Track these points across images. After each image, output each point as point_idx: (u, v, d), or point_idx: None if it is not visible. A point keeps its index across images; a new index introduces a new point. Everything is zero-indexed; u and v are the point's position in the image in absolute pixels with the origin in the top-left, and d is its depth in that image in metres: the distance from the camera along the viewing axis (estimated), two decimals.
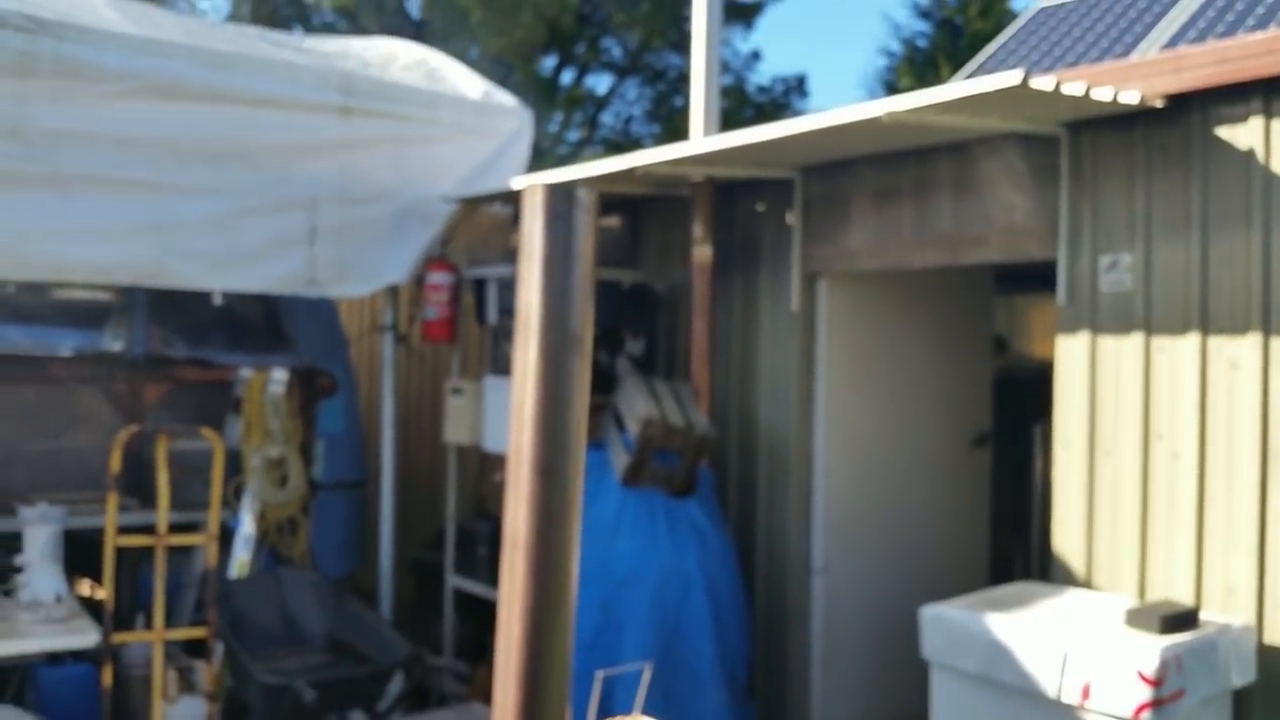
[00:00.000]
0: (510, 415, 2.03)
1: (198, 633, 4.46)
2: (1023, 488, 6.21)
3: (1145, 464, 3.76)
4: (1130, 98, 3.60)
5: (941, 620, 3.55)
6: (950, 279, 5.49)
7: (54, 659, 4.83)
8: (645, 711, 3.95)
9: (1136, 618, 3.28)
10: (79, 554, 4.57)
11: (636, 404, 4.71)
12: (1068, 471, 3.97)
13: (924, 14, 16.18)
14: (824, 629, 5.05)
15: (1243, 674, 3.34)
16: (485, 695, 4.87)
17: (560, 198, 1.96)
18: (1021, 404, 6.30)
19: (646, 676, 2.47)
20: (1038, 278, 4.43)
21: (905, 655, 4.41)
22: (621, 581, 4.51)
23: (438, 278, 5.49)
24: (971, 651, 3.43)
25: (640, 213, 5.82)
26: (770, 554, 5.10)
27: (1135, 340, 3.79)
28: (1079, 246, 3.96)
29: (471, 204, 5.54)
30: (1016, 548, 6.19)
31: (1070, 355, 3.98)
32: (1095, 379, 3.91)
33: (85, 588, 4.48)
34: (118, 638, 4.23)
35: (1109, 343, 3.87)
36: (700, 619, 4.53)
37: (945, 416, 5.58)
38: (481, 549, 5.28)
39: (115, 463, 4.19)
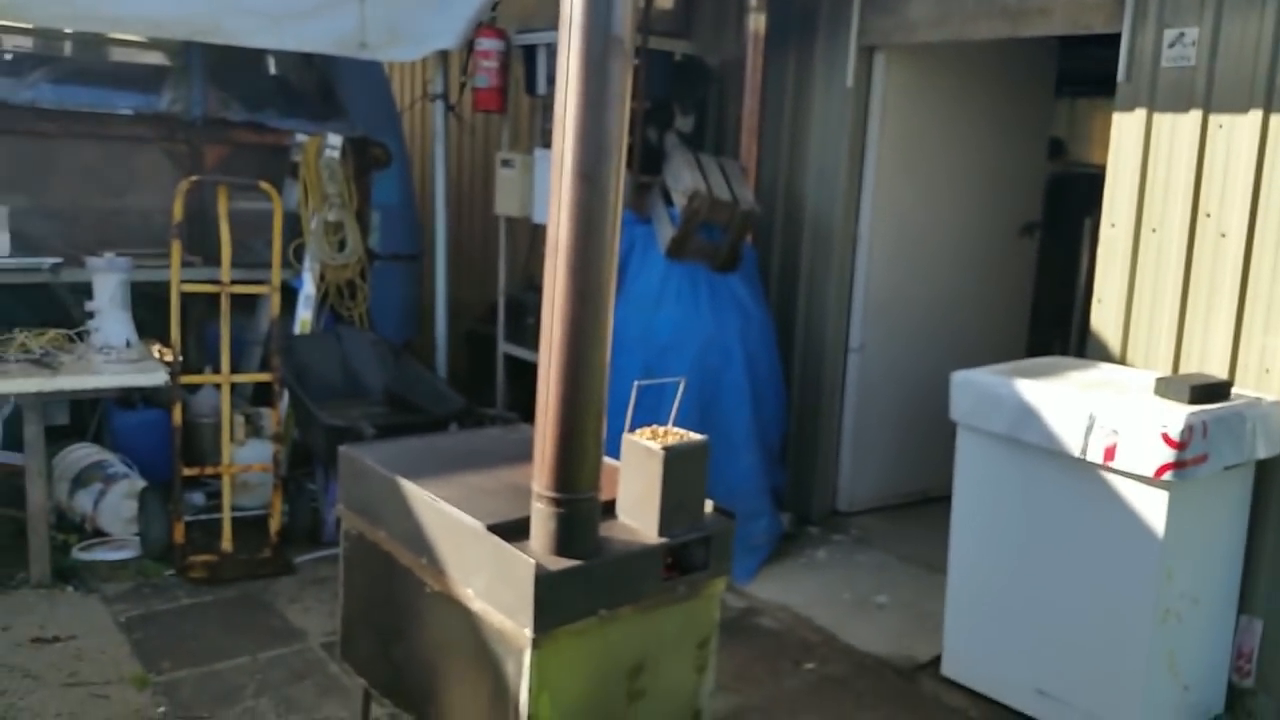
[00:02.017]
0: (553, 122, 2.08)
1: (263, 377, 4.72)
2: (1068, 283, 6.22)
3: (1191, 242, 3.74)
4: None
5: (971, 383, 3.64)
6: (1011, 71, 5.34)
7: (128, 403, 5.17)
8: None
9: (1167, 387, 3.33)
10: (148, 313, 4.80)
11: (683, 177, 4.72)
12: (1112, 248, 3.97)
13: None
14: (856, 405, 5.23)
15: (1269, 446, 3.40)
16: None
17: None
18: (1074, 205, 6.24)
19: (681, 389, 2.61)
20: (1099, 81, 4.28)
21: (933, 433, 4.58)
22: (664, 348, 4.66)
23: (487, 44, 5.42)
24: (999, 413, 3.52)
25: None
26: (809, 331, 5.21)
27: (1192, 118, 3.70)
28: (1144, 19, 3.81)
29: None
30: (1055, 338, 6.25)
31: (1125, 132, 3.91)
32: (1148, 156, 3.84)
33: (155, 348, 4.73)
34: (186, 378, 4.48)
35: (1165, 120, 3.78)
36: (737, 387, 4.69)
37: (994, 205, 5.54)
38: (530, 319, 5.43)
39: (178, 211, 4.34)
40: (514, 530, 2.20)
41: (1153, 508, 3.18)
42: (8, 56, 6.13)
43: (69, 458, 4.82)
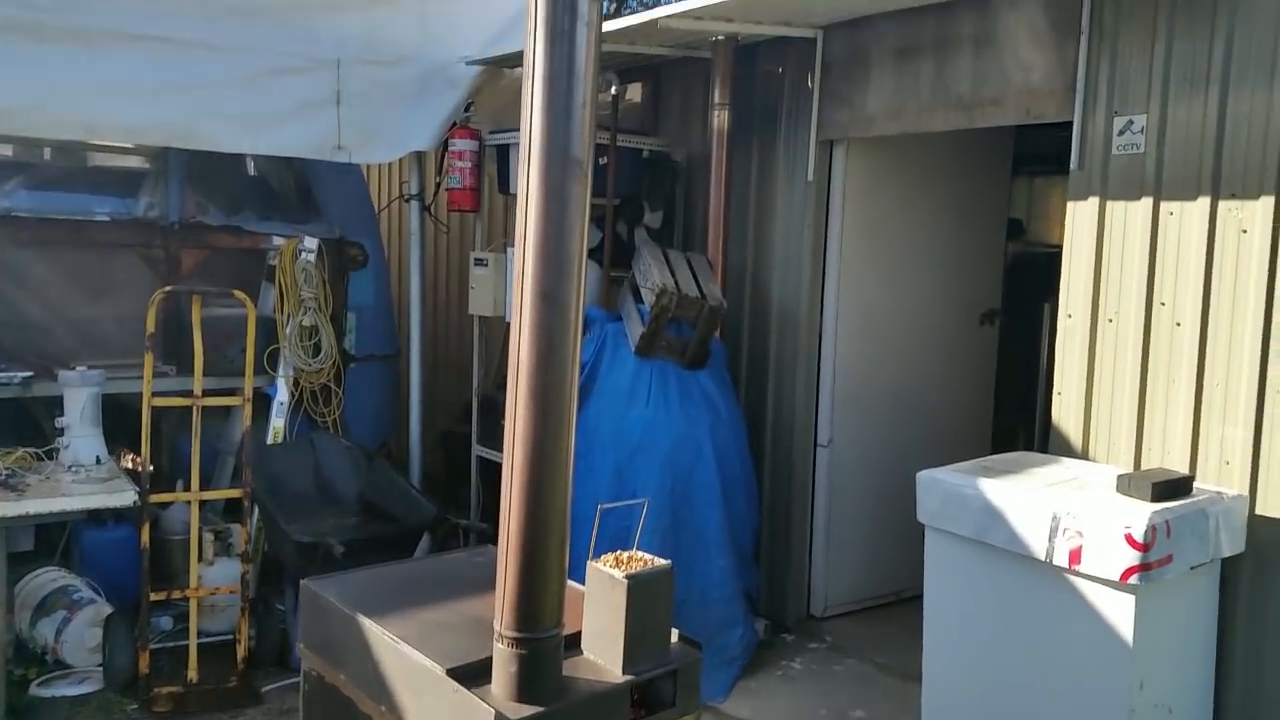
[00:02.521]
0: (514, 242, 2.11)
1: (233, 493, 4.67)
2: (1030, 367, 6.28)
3: (1147, 332, 3.78)
4: None
5: (937, 484, 3.65)
6: (968, 155, 5.46)
7: (97, 521, 5.09)
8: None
9: (1128, 484, 3.34)
10: (120, 422, 4.78)
11: (652, 274, 4.79)
12: (1069, 339, 4.02)
13: None
14: (827, 500, 5.23)
15: (1233, 543, 3.41)
16: None
17: (562, 12, 1.97)
18: (1035, 285, 6.33)
19: (645, 511, 2.62)
20: (1056, 159, 4.40)
21: (907, 527, 4.56)
22: (635, 448, 4.67)
23: (461, 144, 5.52)
24: (965, 515, 3.53)
25: (661, 79, 5.79)
26: (778, 426, 5.24)
27: (1144, 205, 3.76)
28: (1094, 107, 3.91)
29: (494, 66, 5.53)
30: (1020, 424, 6.29)
31: (1078, 220, 3.97)
32: (1102, 244, 3.90)
33: (127, 459, 4.68)
34: (155, 497, 4.41)
35: (1118, 207, 3.85)
36: (709, 486, 4.70)
37: (956, 292, 5.62)
38: (503, 420, 5.42)
39: (151, 323, 4.34)
40: (475, 673, 2.19)
41: (1121, 613, 3.17)
42: None
43: (33, 583, 4.72)
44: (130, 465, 4.64)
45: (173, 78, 4.82)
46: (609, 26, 4.67)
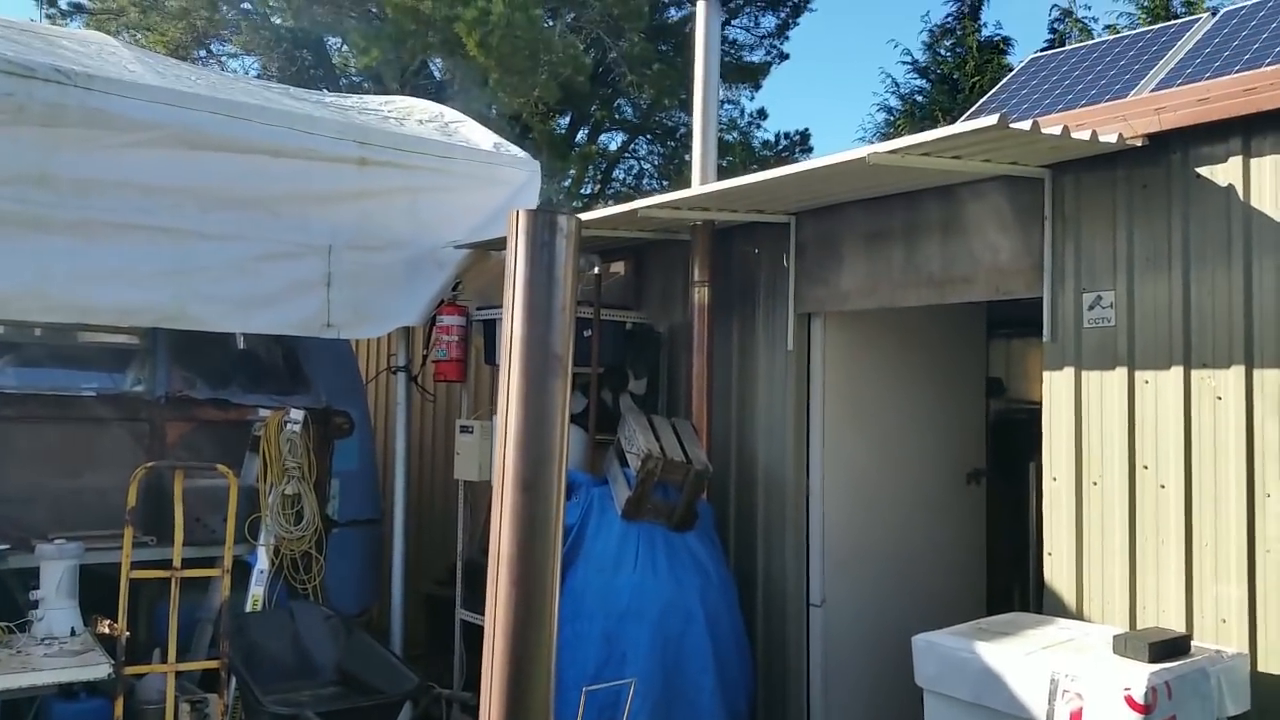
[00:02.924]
0: (496, 436, 2.16)
1: (210, 664, 4.58)
2: (1020, 524, 6.28)
3: (1132, 494, 3.84)
4: (1109, 137, 3.74)
5: (934, 648, 3.61)
6: (943, 321, 5.62)
7: (68, 693, 4.94)
8: None
9: (1125, 644, 3.32)
10: (99, 591, 4.69)
11: (637, 439, 4.83)
12: (1056, 502, 4.06)
13: (922, 71, 16.58)
14: (823, 661, 5.12)
15: (1237, 702, 3.35)
16: None
17: (543, 225, 2.11)
18: (1018, 443, 6.40)
19: (632, 692, 2.57)
20: (1033, 322, 4.55)
21: (904, 686, 4.45)
22: (623, 614, 4.60)
23: (448, 320, 5.68)
24: (963, 679, 3.48)
25: (643, 258, 6.01)
26: (769, 587, 5.18)
27: (1119, 374, 3.89)
28: (1062, 284, 4.09)
29: (481, 250, 5.73)
30: (1015, 583, 6.23)
31: (1056, 390, 4.09)
32: (1081, 412, 4.00)
33: (104, 626, 4.59)
34: (131, 669, 4.34)
35: (1093, 377, 3.97)
36: (700, 651, 4.61)
37: (940, 453, 5.68)
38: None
39: (132, 497, 4.35)
40: None
41: None
42: None
43: None
44: (107, 630, 4.53)
45: (167, 265, 4.96)
46: (592, 215, 4.88)
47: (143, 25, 16.52)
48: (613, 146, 19.10)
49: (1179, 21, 7.39)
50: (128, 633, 4.32)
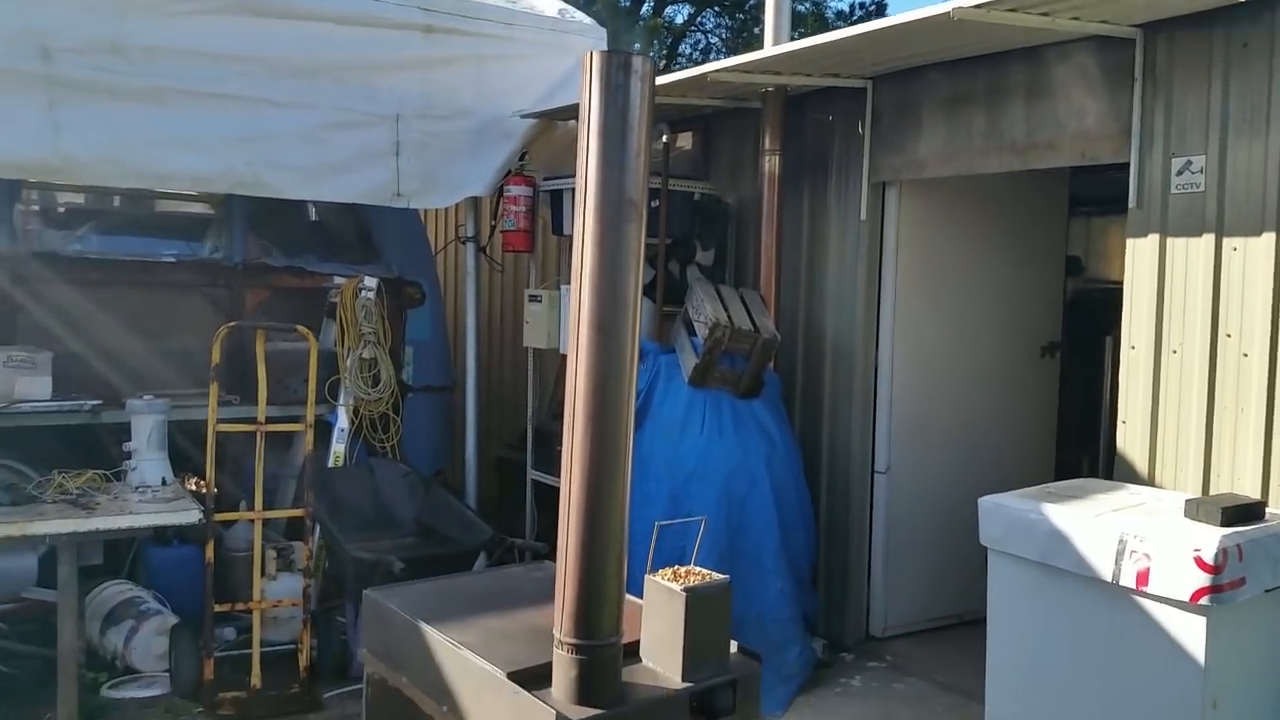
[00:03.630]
0: (572, 279, 2.18)
1: (295, 512, 4.79)
2: (1092, 400, 6.22)
3: (1213, 363, 3.76)
4: None
5: (1000, 509, 3.63)
6: (1022, 196, 5.47)
7: (163, 540, 5.24)
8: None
9: (1197, 509, 3.30)
10: (184, 452, 4.92)
11: (705, 309, 4.83)
12: (1133, 370, 4.00)
13: None
14: (885, 527, 5.20)
15: None
16: None
17: (617, 67, 2.07)
18: (1095, 320, 6.28)
19: (703, 530, 2.64)
20: (1115, 199, 4.42)
21: (968, 552, 4.52)
22: (690, 475, 4.69)
23: (516, 190, 5.68)
24: (1029, 539, 3.50)
25: (712, 128, 5.90)
26: (834, 454, 5.23)
27: (1205, 241, 3.77)
28: (1150, 149, 3.93)
29: (547, 119, 5.68)
30: (1084, 457, 6.20)
31: (1139, 257, 3.98)
32: (1163, 280, 3.91)
33: (191, 483, 4.82)
34: (219, 515, 4.55)
35: (1179, 244, 3.86)
36: (764, 512, 4.69)
37: (1014, 326, 5.59)
38: (557, 446, 5.48)
39: (216, 354, 4.48)
40: (535, 678, 2.20)
41: (1191, 634, 3.11)
42: (60, 211, 6.46)
43: (102, 595, 4.88)
44: (194, 488, 4.76)
45: (238, 132, 5.02)
46: (661, 80, 4.78)
47: None
48: (679, 19, 18.59)
49: None
50: (215, 491, 4.53)
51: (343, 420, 5.49)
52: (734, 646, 2.44)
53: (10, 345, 4.90)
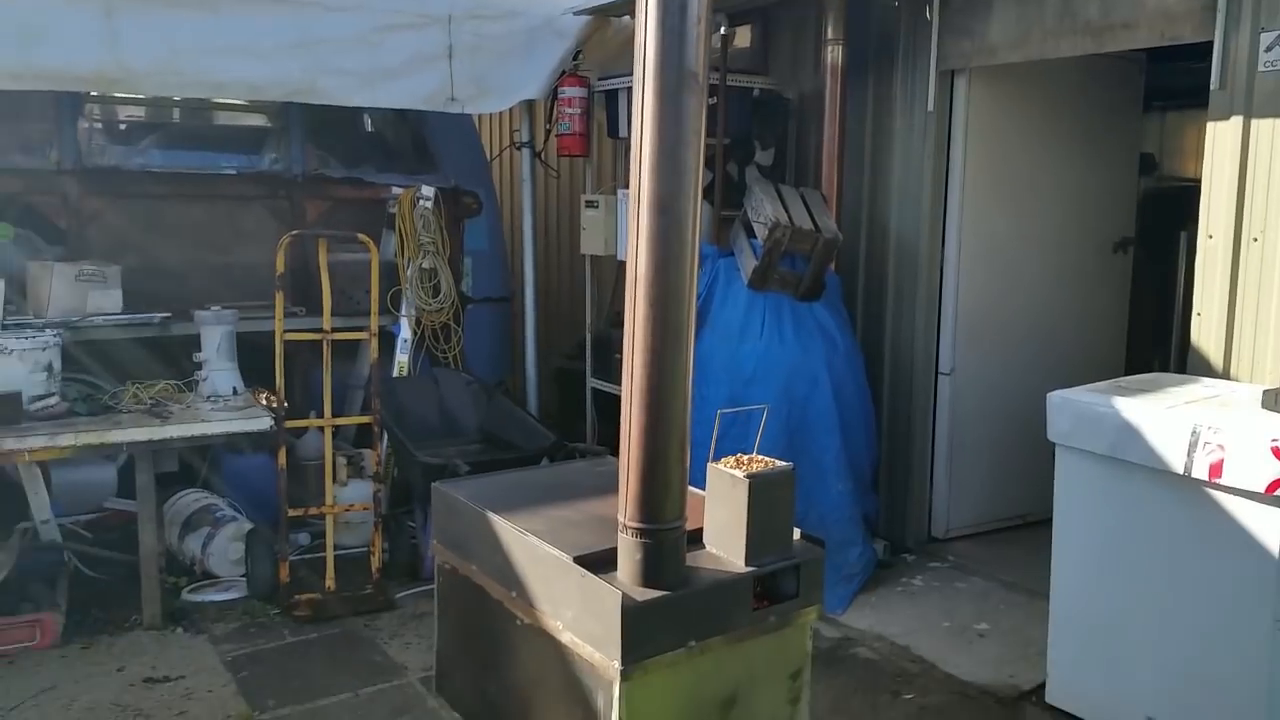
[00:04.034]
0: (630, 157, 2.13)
1: (364, 419, 4.88)
2: (1165, 297, 6.05)
3: None
4: None
5: (1069, 403, 3.55)
6: (1095, 86, 5.25)
7: (235, 450, 5.39)
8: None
9: (1275, 399, 3.20)
10: (253, 363, 5.00)
11: (764, 209, 4.74)
12: (1211, 260, 3.85)
13: None
14: (949, 428, 5.14)
15: None
16: None
17: None
18: (1169, 220, 6.08)
19: (765, 416, 2.62)
20: (1192, 91, 4.21)
21: (1033, 453, 4.46)
22: (749, 379, 4.66)
23: (570, 92, 5.57)
24: (1098, 433, 3.42)
25: (771, 21, 5.71)
26: (897, 356, 5.16)
27: None
28: (1237, 25, 3.72)
29: (601, 15, 5.54)
30: (1155, 355, 6.05)
31: (1220, 141, 3.80)
32: (1246, 164, 3.73)
33: (260, 397, 4.93)
34: (290, 423, 4.65)
35: (1264, 125, 3.67)
36: (825, 415, 4.66)
37: (1086, 222, 5.42)
38: (617, 355, 5.50)
39: (280, 264, 4.53)
40: (601, 562, 2.22)
41: (1265, 525, 3.03)
42: (123, 126, 6.53)
43: (179, 503, 5.04)
44: (265, 402, 4.86)
45: (292, 37, 4.96)
46: None
47: None
48: None
49: None
50: (285, 403, 4.61)
51: (405, 331, 5.55)
52: (797, 533, 2.44)
53: (81, 260, 5.00)
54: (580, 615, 2.19)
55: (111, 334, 4.96)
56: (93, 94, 5.61)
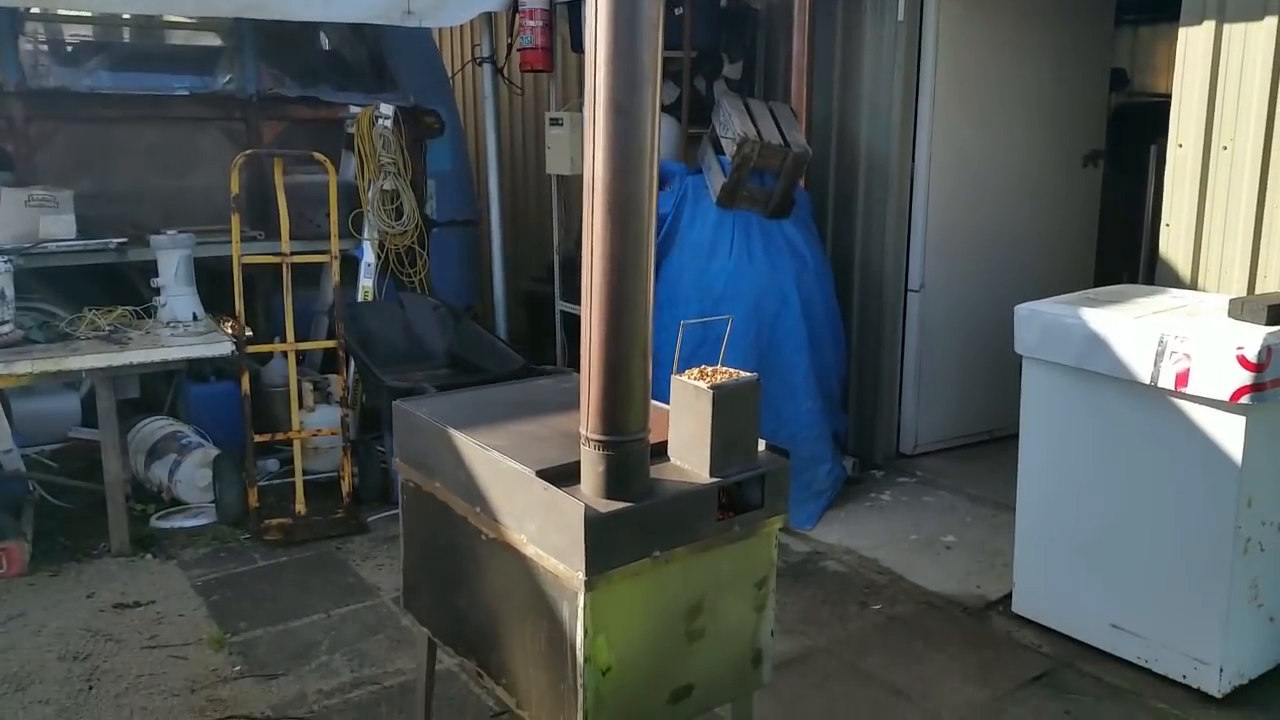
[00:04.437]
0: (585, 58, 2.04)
1: (328, 344, 4.83)
2: (1134, 213, 6.04)
3: (1266, 158, 3.57)
4: None
5: (1037, 315, 3.54)
6: (1066, 2, 5.15)
7: (200, 377, 5.31)
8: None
9: (1242, 308, 3.19)
10: (214, 290, 4.90)
11: (732, 124, 4.65)
12: (1180, 169, 3.81)
13: None
14: (918, 346, 5.14)
15: None
16: None
17: None
18: (1139, 134, 6.03)
19: (730, 326, 2.59)
20: (1163, 5, 4.12)
21: (1000, 369, 4.48)
22: (719, 298, 4.62)
23: (532, 3, 5.41)
24: (1065, 344, 3.43)
25: None
26: (866, 273, 5.13)
27: (1267, 27, 3.52)
28: None
29: None
30: (1124, 270, 6.06)
31: (1192, 46, 3.73)
32: (1218, 70, 3.67)
33: (225, 326, 4.83)
34: (253, 348, 4.58)
35: (1236, 30, 3.61)
36: (794, 332, 4.64)
37: (1056, 135, 5.38)
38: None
39: (234, 184, 4.42)
40: (564, 475, 2.19)
41: (1229, 433, 3.06)
42: (69, 47, 6.30)
43: (143, 430, 4.98)
44: (229, 330, 4.78)
45: None
46: None
47: None
48: None
49: None
50: (249, 331, 4.54)
51: (369, 255, 5.45)
52: (762, 445, 2.42)
53: (30, 185, 4.85)
54: (544, 528, 2.17)
55: (66, 260, 4.84)
56: (33, 11, 5.40)
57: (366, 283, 5.43)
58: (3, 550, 4.07)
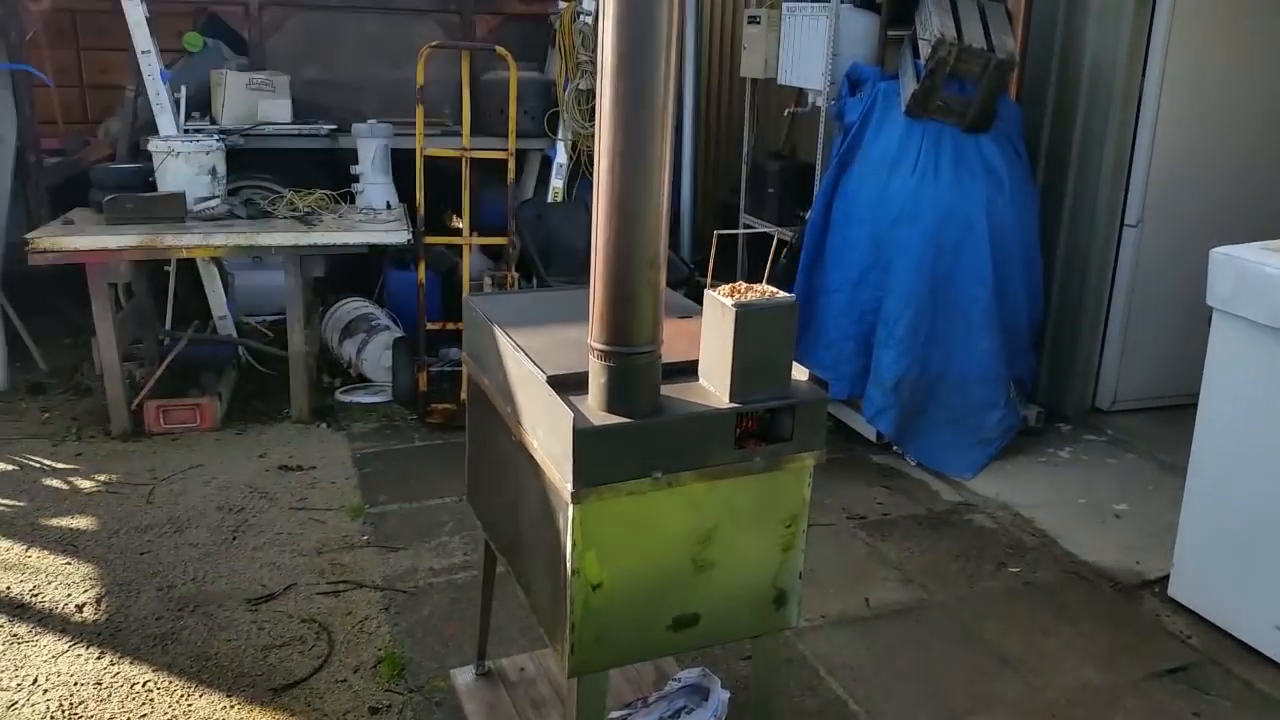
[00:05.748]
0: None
1: (498, 240, 4.92)
2: None
3: None
4: None
5: (1232, 263, 3.02)
6: None
7: (402, 265, 5.59)
8: (906, 338, 3.82)
9: None
10: (436, 183, 5.08)
11: (932, 22, 4.21)
12: None
13: None
14: (1129, 287, 4.54)
15: None
16: None
17: None
18: None
19: (775, 246, 2.36)
20: None
21: None
22: (895, 220, 4.26)
23: None
24: (1263, 298, 2.90)
25: None
26: (1078, 202, 4.55)
27: None
28: None
29: None
30: None
31: None
32: None
33: (451, 220, 5.00)
34: (430, 239, 4.75)
35: None
36: (977, 265, 4.20)
37: None
38: (770, 188, 5.19)
39: (420, 76, 4.55)
40: (576, 384, 2.10)
41: None
42: None
43: (340, 310, 5.34)
44: (450, 224, 4.94)
45: None
46: None
47: None
48: None
49: None
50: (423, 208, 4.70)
51: (561, 155, 5.47)
52: (805, 374, 2.21)
53: (261, 70, 5.23)
54: (548, 435, 2.10)
55: (280, 143, 5.20)
56: None
57: (557, 183, 5.47)
58: (196, 406, 4.52)
